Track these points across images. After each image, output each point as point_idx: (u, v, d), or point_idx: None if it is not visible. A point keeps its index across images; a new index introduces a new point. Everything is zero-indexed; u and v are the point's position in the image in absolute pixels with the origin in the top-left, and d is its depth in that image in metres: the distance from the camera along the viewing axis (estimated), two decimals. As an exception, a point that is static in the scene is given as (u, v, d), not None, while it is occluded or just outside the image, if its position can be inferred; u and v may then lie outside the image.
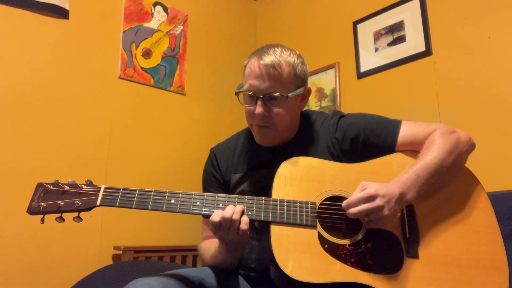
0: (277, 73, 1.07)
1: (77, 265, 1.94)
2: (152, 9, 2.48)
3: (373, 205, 0.91)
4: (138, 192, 0.98)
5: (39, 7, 2.00)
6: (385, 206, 0.92)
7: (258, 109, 1.08)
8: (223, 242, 0.99)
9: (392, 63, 2.19)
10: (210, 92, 2.71)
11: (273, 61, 1.07)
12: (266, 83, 1.07)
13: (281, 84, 1.08)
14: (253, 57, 1.11)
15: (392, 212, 0.94)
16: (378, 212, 0.92)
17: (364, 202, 0.92)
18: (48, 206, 0.95)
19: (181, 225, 2.31)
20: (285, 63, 1.08)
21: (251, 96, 1.10)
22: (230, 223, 0.93)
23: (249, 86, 1.09)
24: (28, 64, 1.96)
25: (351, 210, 0.93)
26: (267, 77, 1.07)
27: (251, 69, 1.09)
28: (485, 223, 1.03)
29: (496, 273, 0.98)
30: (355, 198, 0.93)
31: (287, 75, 1.08)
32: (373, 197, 0.92)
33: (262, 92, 1.07)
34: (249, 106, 1.11)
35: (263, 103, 1.08)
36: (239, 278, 1.14)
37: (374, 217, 0.93)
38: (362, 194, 0.93)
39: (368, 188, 0.94)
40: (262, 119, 1.09)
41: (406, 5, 2.18)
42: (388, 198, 0.93)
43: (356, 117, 1.17)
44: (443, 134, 1.06)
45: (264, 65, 1.07)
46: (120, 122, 2.23)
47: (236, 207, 0.95)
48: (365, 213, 0.92)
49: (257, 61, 1.08)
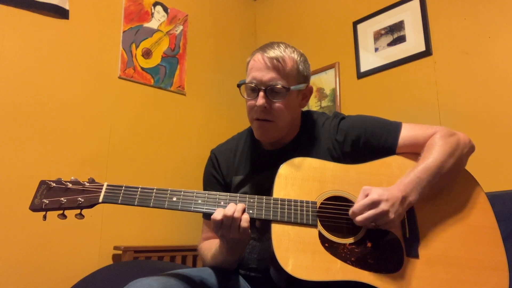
0: (280, 66, 1.08)
1: (77, 265, 1.94)
2: (152, 9, 2.48)
3: (378, 211, 0.91)
4: (140, 189, 0.98)
5: (39, 7, 2.00)
6: (390, 210, 0.92)
7: (260, 100, 1.08)
8: (224, 240, 1.00)
9: (392, 63, 2.20)
10: (210, 92, 2.71)
11: (277, 54, 1.09)
12: (269, 74, 1.08)
13: (284, 77, 1.09)
14: (257, 52, 1.13)
15: (397, 216, 0.93)
16: (384, 217, 0.92)
17: (368, 208, 0.92)
18: (51, 203, 0.95)
19: (181, 225, 2.32)
20: (289, 58, 1.10)
21: (253, 89, 1.11)
22: (232, 221, 0.93)
23: (251, 78, 1.10)
24: (28, 64, 1.96)
25: (357, 218, 0.92)
26: (272, 67, 1.08)
27: (255, 61, 1.11)
28: (484, 223, 1.04)
29: (496, 274, 0.98)
30: (360, 205, 0.93)
31: (290, 69, 1.09)
32: (377, 202, 0.92)
33: (264, 84, 1.08)
34: (251, 99, 1.12)
35: (265, 94, 1.08)
36: (240, 278, 1.14)
37: (381, 222, 0.92)
38: (366, 200, 0.92)
39: (371, 193, 0.94)
40: (263, 111, 1.09)
41: (406, 5, 2.18)
42: (392, 202, 0.93)
43: (357, 119, 1.17)
44: (443, 136, 1.06)
45: (268, 58, 1.08)
46: (120, 122, 2.23)
47: (238, 205, 0.96)
48: (371, 220, 0.92)
49: (261, 54, 1.10)
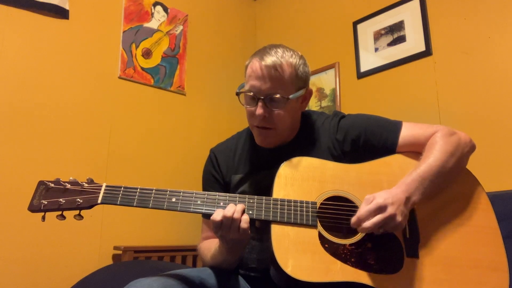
0: (278, 74, 1.06)
1: (77, 265, 1.94)
2: (152, 9, 2.48)
3: (386, 215, 0.89)
4: (139, 190, 0.98)
5: (39, 7, 2.00)
6: (397, 213, 0.90)
7: (259, 110, 1.07)
8: (223, 241, 0.99)
9: (392, 63, 2.20)
10: (210, 92, 2.71)
11: (274, 62, 1.06)
12: (267, 84, 1.06)
13: (282, 86, 1.07)
14: (255, 58, 1.10)
15: (404, 217, 0.92)
16: (391, 221, 0.90)
17: (375, 213, 0.89)
18: (49, 204, 0.95)
19: (181, 225, 2.31)
20: (287, 64, 1.07)
21: (252, 97, 1.09)
22: (232, 221, 0.93)
23: (250, 87, 1.09)
24: (28, 64, 1.96)
25: (365, 225, 0.89)
26: (268, 78, 1.06)
27: (253, 70, 1.08)
28: (485, 223, 1.03)
29: (496, 274, 0.98)
30: (365, 211, 0.90)
31: (288, 77, 1.07)
32: (384, 207, 0.90)
33: (263, 93, 1.07)
34: (250, 107, 1.11)
35: (264, 104, 1.07)
36: (240, 278, 1.14)
37: (389, 226, 0.90)
38: (372, 205, 0.90)
39: (376, 198, 0.91)
40: (263, 120, 1.09)
41: (406, 5, 2.18)
42: (398, 204, 0.91)
43: (357, 118, 1.17)
44: (444, 136, 1.06)
45: (265, 66, 1.06)
46: (120, 122, 2.23)
47: (237, 206, 0.95)
48: (380, 225, 0.89)
49: (258, 61, 1.07)
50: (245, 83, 1.12)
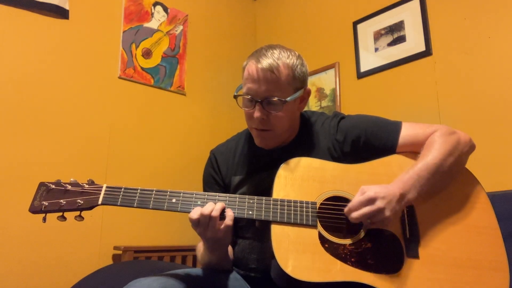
0: (275, 77, 1.05)
1: (77, 265, 1.94)
2: (152, 9, 2.48)
3: (373, 208, 0.92)
4: (140, 191, 0.98)
5: (39, 7, 2.00)
6: (386, 207, 0.93)
7: (257, 113, 1.07)
8: (203, 239, 1.01)
9: (392, 63, 2.20)
10: (210, 92, 2.71)
11: (271, 64, 1.04)
12: (264, 87, 1.05)
13: (279, 88, 1.06)
14: (251, 60, 1.09)
15: (394, 213, 0.94)
16: (379, 214, 0.93)
17: (364, 205, 0.93)
18: (50, 205, 0.95)
19: (181, 225, 2.31)
20: (283, 65, 1.06)
21: (249, 100, 1.09)
22: (209, 219, 0.94)
23: (247, 90, 1.08)
24: (28, 64, 1.96)
25: (353, 215, 0.94)
26: (265, 81, 1.05)
27: (249, 73, 1.08)
28: (485, 224, 1.03)
29: (496, 274, 0.98)
30: (356, 202, 0.94)
31: (285, 78, 1.06)
32: (373, 199, 0.93)
33: (260, 96, 1.06)
34: (248, 109, 1.11)
35: (262, 107, 1.07)
36: (239, 278, 1.14)
37: (376, 219, 0.94)
38: (362, 197, 0.94)
39: (367, 191, 0.95)
40: (261, 122, 1.09)
41: (406, 5, 2.18)
42: (389, 199, 0.93)
43: (357, 119, 1.17)
44: (443, 135, 1.06)
45: (261, 69, 1.05)
46: (120, 122, 2.23)
47: (216, 204, 0.96)
48: (367, 216, 0.93)
49: (254, 64, 1.06)
50: (243, 85, 1.12)
